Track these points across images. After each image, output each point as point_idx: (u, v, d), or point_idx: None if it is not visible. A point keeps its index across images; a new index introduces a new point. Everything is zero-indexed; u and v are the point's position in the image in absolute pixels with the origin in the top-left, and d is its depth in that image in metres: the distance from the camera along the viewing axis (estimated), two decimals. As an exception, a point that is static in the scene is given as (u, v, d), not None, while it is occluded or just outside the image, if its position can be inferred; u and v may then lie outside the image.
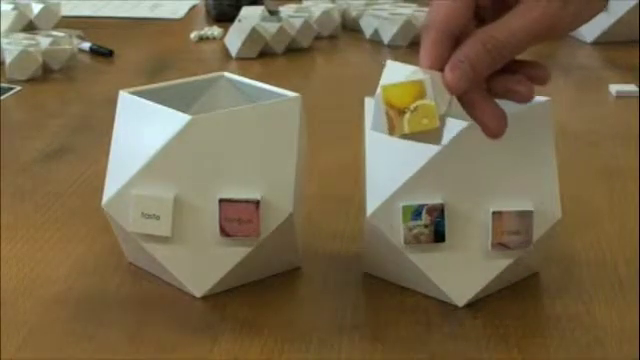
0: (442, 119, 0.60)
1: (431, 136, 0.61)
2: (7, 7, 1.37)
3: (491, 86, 0.62)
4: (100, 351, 0.65)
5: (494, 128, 0.62)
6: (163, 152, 0.69)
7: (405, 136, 0.60)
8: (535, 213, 0.69)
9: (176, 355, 0.65)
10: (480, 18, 0.63)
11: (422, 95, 0.59)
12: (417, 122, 0.59)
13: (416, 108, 0.59)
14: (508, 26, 0.59)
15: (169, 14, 1.61)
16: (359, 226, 0.77)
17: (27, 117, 1.14)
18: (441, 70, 0.61)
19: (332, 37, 1.46)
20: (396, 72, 0.61)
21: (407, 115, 0.59)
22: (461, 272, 0.69)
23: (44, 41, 1.27)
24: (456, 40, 0.61)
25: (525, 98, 0.62)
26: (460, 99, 0.62)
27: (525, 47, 0.60)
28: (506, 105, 0.72)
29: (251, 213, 0.69)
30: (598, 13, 0.62)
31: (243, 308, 0.70)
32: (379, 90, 0.60)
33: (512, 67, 0.62)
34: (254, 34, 1.34)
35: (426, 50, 0.60)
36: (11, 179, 0.93)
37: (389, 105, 0.60)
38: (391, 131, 0.60)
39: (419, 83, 0.59)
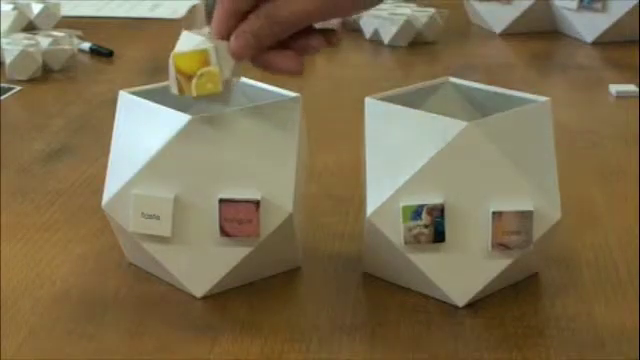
0: (227, 83, 0.67)
1: (218, 97, 0.68)
2: (7, 7, 1.37)
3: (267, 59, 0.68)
4: (100, 351, 0.65)
5: (293, 68, 0.67)
6: (163, 152, 0.69)
7: (195, 98, 0.66)
8: (535, 213, 0.69)
9: (176, 355, 0.65)
10: None
11: (207, 62, 0.66)
12: (202, 87, 0.66)
13: (202, 74, 0.66)
14: (290, 6, 0.65)
15: (169, 14, 1.61)
16: (359, 226, 0.77)
17: (27, 117, 1.14)
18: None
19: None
20: (188, 41, 0.68)
21: (194, 80, 0.66)
22: (461, 272, 0.69)
23: (44, 41, 1.27)
24: (245, 14, 0.67)
25: (293, 73, 0.67)
26: (254, 63, 0.68)
27: (305, 24, 0.66)
28: (506, 105, 0.73)
29: (251, 213, 0.69)
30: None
31: (243, 308, 0.70)
32: (171, 57, 0.68)
33: (302, 36, 0.68)
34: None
35: (217, 22, 0.67)
36: (11, 179, 0.93)
37: (179, 71, 0.67)
38: (181, 94, 0.67)
39: (205, 51, 0.66)
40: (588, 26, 1.43)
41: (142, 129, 0.71)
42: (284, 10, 0.65)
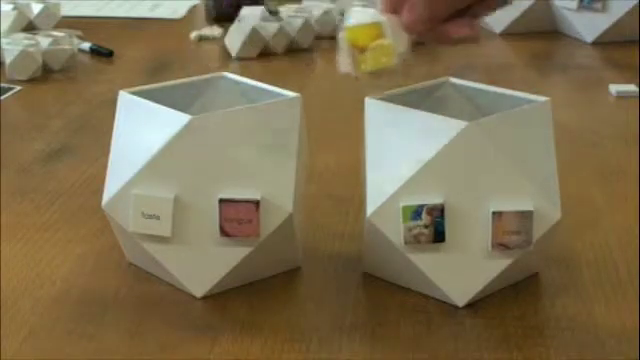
0: (400, 57, 0.65)
1: (389, 72, 0.66)
2: (7, 7, 1.37)
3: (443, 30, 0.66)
4: (100, 351, 0.65)
5: (470, 34, 0.65)
6: (163, 152, 0.69)
7: (369, 72, 0.66)
8: (535, 213, 0.69)
9: (176, 355, 0.65)
10: None
11: (381, 35, 0.65)
12: (377, 60, 0.65)
13: (376, 47, 0.65)
14: None
15: (169, 14, 1.61)
16: (359, 226, 0.77)
17: (27, 117, 1.14)
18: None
19: (332, 37, 1.46)
20: (359, 15, 0.66)
21: (368, 53, 0.65)
22: (461, 272, 0.69)
23: (44, 41, 1.27)
24: None
25: (470, 40, 0.66)
26: (428, 37, 0.66)
27: None
28: (506, 105, 0.73)
29: (251, 213, 0.69)
30: None
31: (243, 308, 0.70)
32: (342, 31, 0.66)
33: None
34: (254, 34, 1.34)
35: None
36: (11, 179, 0.93)
37: (352, 44, 0.65)
38: (356, 68, 0.66)
39: (378, 24, 0.65)
40: (588, 26, 1.43)
41: (142, 129, 0.71)
42: None
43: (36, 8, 1.39)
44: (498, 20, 1.49)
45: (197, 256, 0.70)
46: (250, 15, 1.37)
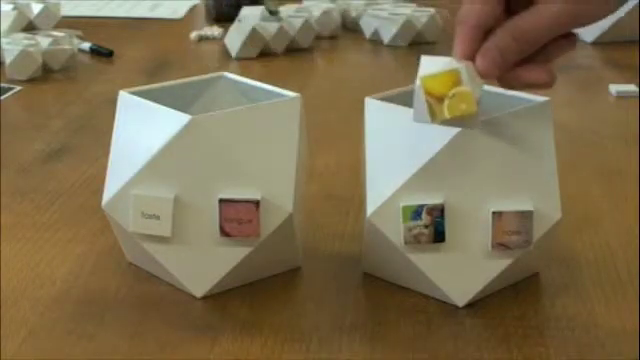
0: (478, 104, 0.64)
1: (468, 120, 0.64)
2: (7, 7, 1.37)
3: (517, 75, 0.66)
4: (100, 351, 0.65)
5: (545, 79, 0.65)
6: (163, 152, 0.69)
7: (446, 121, 0.64)
8: (535, 213, 0.69)
9: (176, 355, 0.65)
10: (511, 12, 0.66)
11: (458, 82, 0.63)
12: (456, 107, 0.63)
13: (454, 95, 0.63)
14: (532, 17, 0.64)
15: (169, 14, 1.61)
16: (359, 226, 0.77)
17: (27, 117, 1.14)
18: (473, 60, 0.65)
19: (332, 37, 1.46)
20: (431, 64, 0.65)
21: (446, 102, 0.63)
22: (461, 272, 0.69)
23: (44, 41, 1.27)
24: (486, 33, 0.65)
25: (546, 85, 0.66)
26: (502, 82, 0.66)
27: (549, 36, 0.64)
28: (506, 105, 0.73)
29: (251, 213, 0.69)
30: (616, 9, 0.66)
31: (243, 308, 0.70)
32: (418, 81, 0.65)
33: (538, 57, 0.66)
34: (254, 34, 1.34)
35: (460, 43, 0.65)
36: (11, 179, 0.93)
37: (429, 94, 0.64)
38: (433, 118, 0.64)
39: (455, 71, 0.63)
40: (588, 26, 1.43)
41: (142, 129, 0.71)
42: (531, 23, 0.63)
43: (36, 8, 1.39)
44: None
45: (197, 256, 0.70)
46: (250, 15, 1.37)
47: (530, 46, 0.64)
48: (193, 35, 1.45)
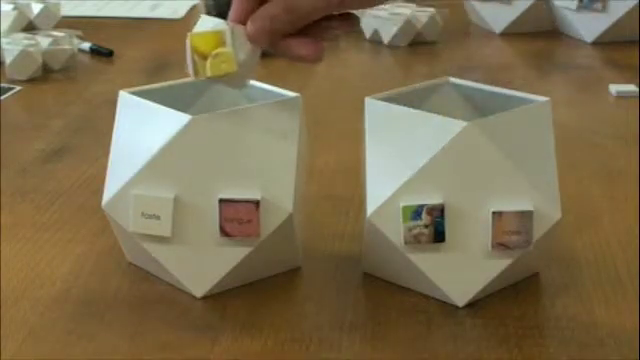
0: (243, 66, 0.67)
1: (231, 80, 0.68)
2: (7, 7, 1.37)
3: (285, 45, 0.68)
4: (100, 351, 0.65)
5: (311, 54, 0.67)
6: (163, 152, 0.69)
7: (210, 79, 0.67)
8: (535, 213, 0.69)
9: (176, 355, 0.65)
10: None
11: (222, 43, 0.67)
12: (217, 67, 0.67)
13: (217, 54, 0.67)
14: None
15: (169, 14, 1.61)
16: (359, 226, 0.77)
17: (27, 117, 1.14)
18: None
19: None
20: (205, 24, 0.68)
21: (209, 60, 0.67)
22: (461, 272, 0.69)
23: (44, 41, 1.27)
24: (265, 1, 0.67)
25: (311, 60, 0.67)
26: (274, 50, 0.68)
27: (320, 13, 0.66)
28: (506, 105, 0.73)
29: (251, 213, 0.69)
30: None
31: (243, 308, 0.70)
32: (187, 37, 0.68)
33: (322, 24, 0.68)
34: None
35: (235, 7, 0.68)
36: (11, 179, 0.93)
37: (195, 51, 0.67)
38: (196, 74, 0.67)
39: (220, 32, 0.67)
40: (588, 26, 1.43)
41: (142, 129, 0.71)
42: (303, 0, 0.65)
43: (36, 8, 1.39)
44: (498, 20, 1.49)
45: (197, 256, 0.70)
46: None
47: (300, 19, 0.66)
48: (193, 35, 1.45)
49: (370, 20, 1.44)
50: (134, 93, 0.74)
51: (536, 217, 0.69)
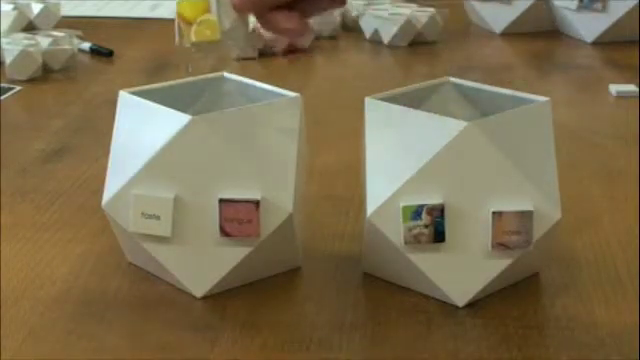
0: (227, 35, 0.69)
1: (218, 49, 0.70)
2: (7, 7, 1.37)
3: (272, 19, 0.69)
4: (100, 351, 0.65)
5: (294, 28, 0.68)
6: (163, 152, 0.69)
7: (194, 45, 0.69)
8: (535, 213, 0.69)
9: (176, 355, 0.65)
10: None
11: (207, 11, 0.69)
12: (202, 33, 0.69)
13: (202, 21, 0.69)
14: None
15: (169, 14, 1.60)
16: (359, 226, 0.77)
17: (27, 117, 1.14)
18: None
19: (332, 37, 1.46)
20: None
21: (194, 27, 0.69)
22: (461, 272, 0.69)
23: (44, 41, 1.27)
24: None
25: (294, 33, 0.69)
26: (261, 22, 0.69)
27: None
28: (506, 105, 0.73)
29: (251, 213, 0.69)
30: None
31: (243, 308, 0.70)
32: (175, 5, 0.70)
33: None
34: (254, 34, 1.34)
35: None
36: (11, 179, 0.93)
37: (181, 18, 0.70)
38: (181, 39, 0.70)
39: (206, 0, 0.69)
40: (588, 26, 1.43)
41: (142, 129, 0.71)
42: None
43: (36, 8, 1.39)
44: (498, 20, 1.49)
45: (197, 256, 0.70)
46: (250, 15, 1.37)
47: None
48: (193, 35, 1.45)
49: (370, 20, 1.44)
50: (134, 93, 0.74)
51: (536, 217, 0.69)
